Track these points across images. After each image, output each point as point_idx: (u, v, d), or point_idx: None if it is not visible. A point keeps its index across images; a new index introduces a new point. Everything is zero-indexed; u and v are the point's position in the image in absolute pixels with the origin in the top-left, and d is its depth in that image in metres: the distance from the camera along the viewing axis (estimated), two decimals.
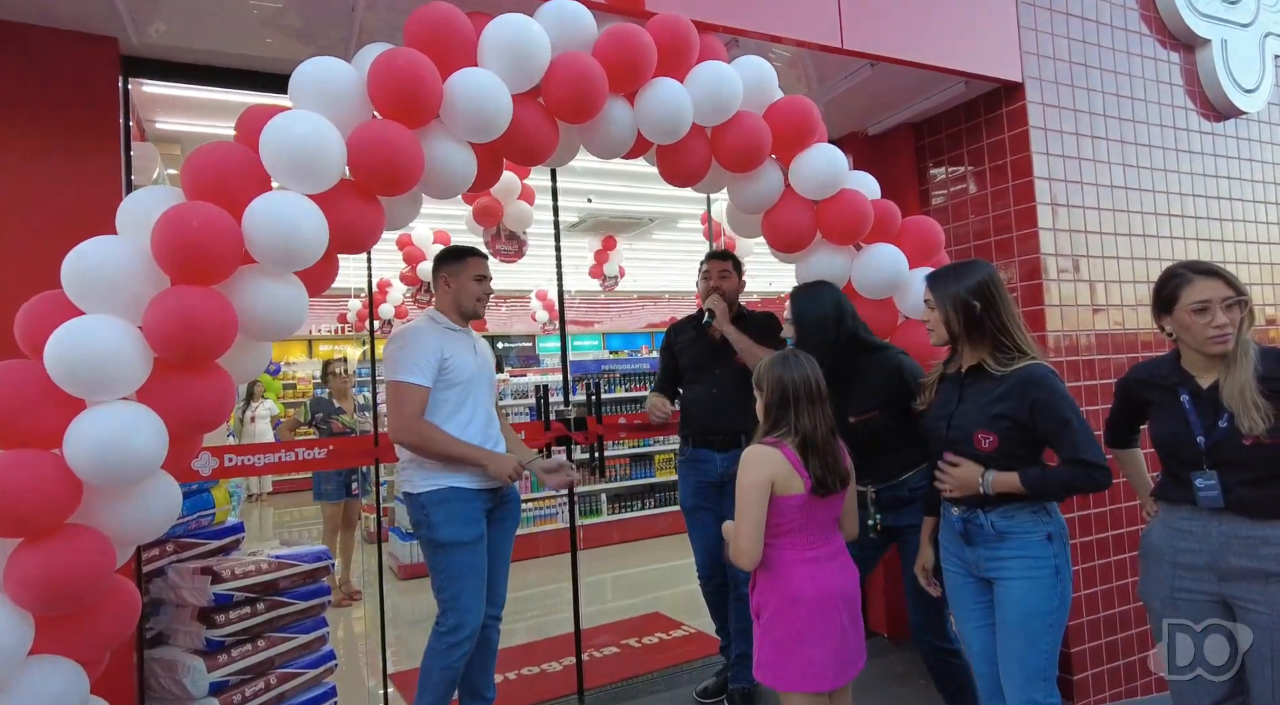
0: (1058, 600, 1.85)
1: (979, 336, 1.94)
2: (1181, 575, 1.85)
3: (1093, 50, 3.26)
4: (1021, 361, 1.90)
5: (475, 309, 2.48)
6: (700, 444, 2.84)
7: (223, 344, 1.67)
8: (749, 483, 1.88)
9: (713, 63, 2.26)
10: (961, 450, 1.94)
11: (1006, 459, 1.87)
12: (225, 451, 2.46)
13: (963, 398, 1.98)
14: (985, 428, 1.89)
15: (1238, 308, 1.78)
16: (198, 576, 2.45)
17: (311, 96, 1.82)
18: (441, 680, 2.27)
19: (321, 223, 1.76)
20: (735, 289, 2.91)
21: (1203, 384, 1.83)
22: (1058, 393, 1.84)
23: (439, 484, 2.30)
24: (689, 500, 2.87)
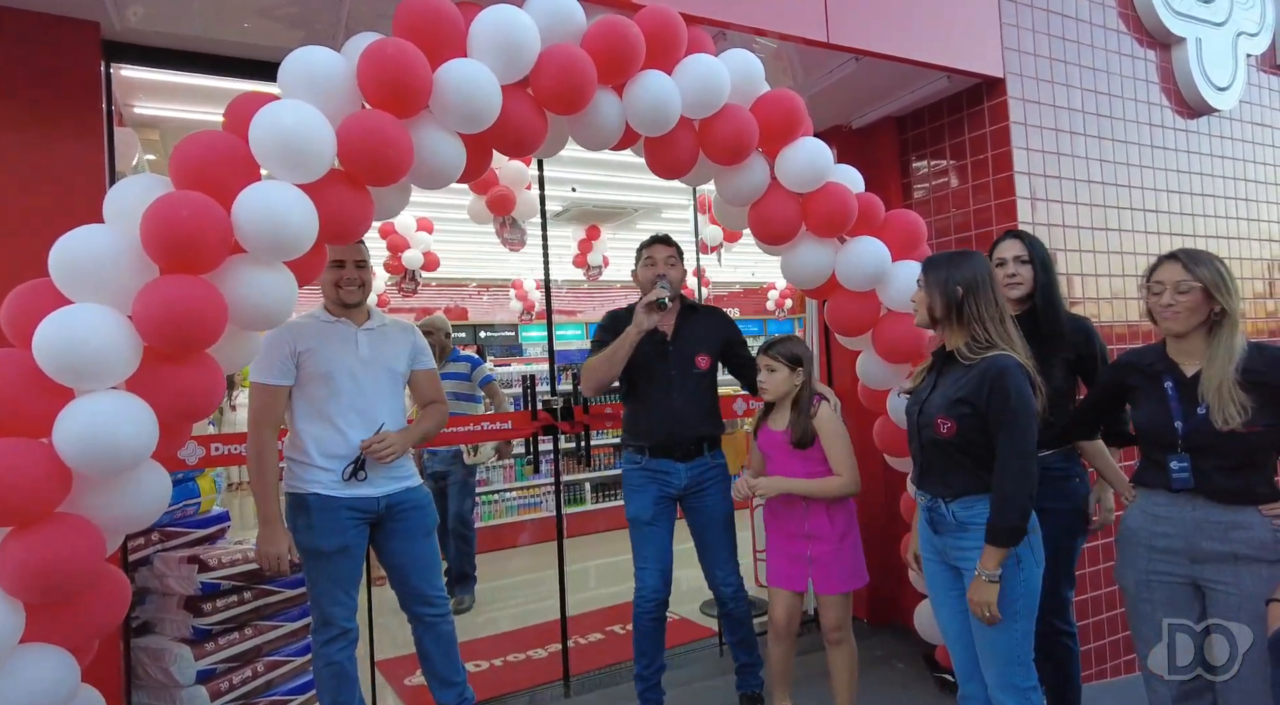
0: (1021, 588, 1.90)
1: (958, 323, 1.97)
2: (1156, 558, 1.93)
3: (1072, 47, 3.31)
4: (991, 352, 1.93)
5: (337, 297, 2.33)
6: (660, 455, 2.64)
7: (213, 333, 1.67)
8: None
9: (701, 55, 2.27)
10: (926, 435, 1.99)
11: (965, 444, 1.92)
12: (211, 440, 2.46)
13: (936, 384, 2.03)
14: (945, 413, 1.93)
15: (1193, 293, 1.86)
16: (184, 565, 2.45)
17: (301, 86, 1.81)
18: (328, 677, 2.25)
19: (311, 212, 1.76)
20: (680, 278, 2.72)
21: (1187, 372, 1.91)
22: (1015, 385, 1.86)
23: (303, 488, 2.23)
24: (647, 512, 2.62)
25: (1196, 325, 1.89)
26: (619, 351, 2.52)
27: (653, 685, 2.65)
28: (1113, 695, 3.01)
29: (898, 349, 2.60)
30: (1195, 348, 1.90)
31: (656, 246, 2.72)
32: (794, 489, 2.44)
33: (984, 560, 1.87)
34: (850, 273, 2.56)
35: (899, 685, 3.08)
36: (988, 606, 1.86)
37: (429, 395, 2.52)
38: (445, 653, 2.47)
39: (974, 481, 1.94)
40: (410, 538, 2.38)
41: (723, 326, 2.80)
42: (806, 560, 2.48)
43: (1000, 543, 1.86)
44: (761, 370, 2.50)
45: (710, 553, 2.68)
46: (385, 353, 2.38)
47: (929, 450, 2.01)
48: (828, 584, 2.47)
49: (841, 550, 2.48)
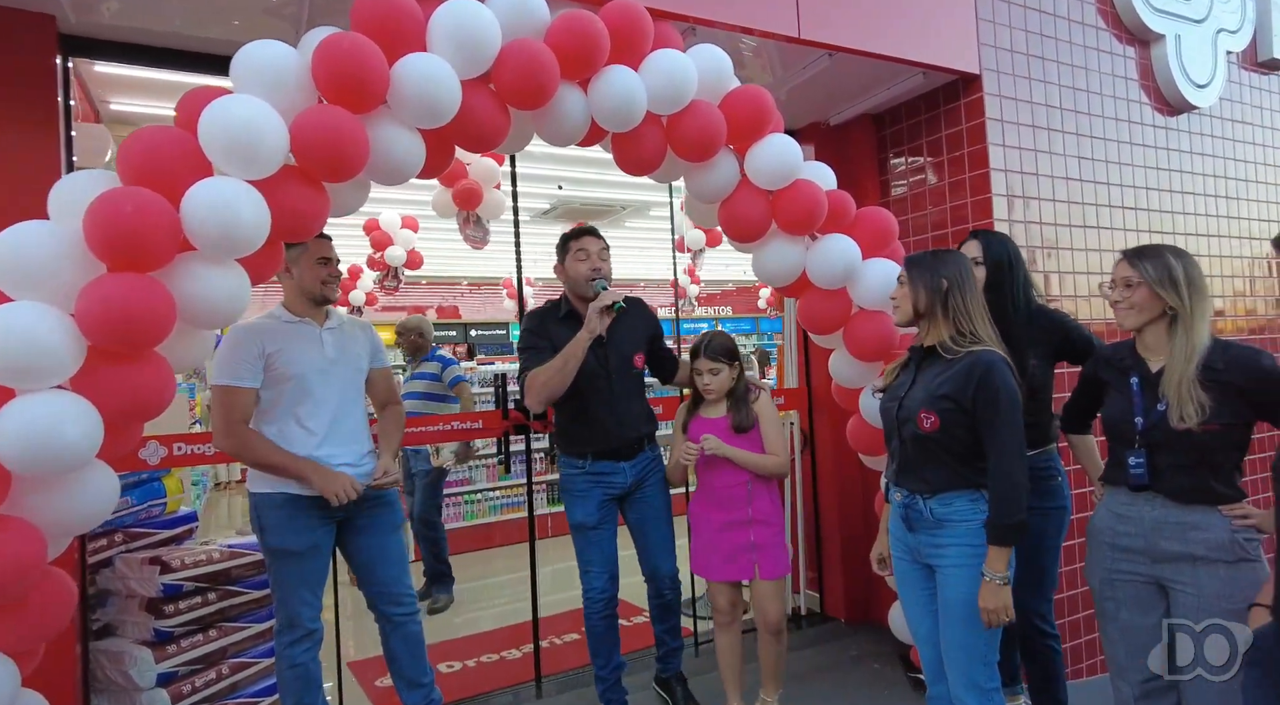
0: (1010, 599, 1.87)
1: (942, 317, 1.96)
2: (1119, 557, 1.93)
3: (1050, 43, 3.29)
4: (976, 347, 1.92)
5: (322, 292, 2.31)
6: (603, 457, 2.58)
7: (160, 332, 1.64)
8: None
9: (667, 51, 2.25)
10: (907, 431, 1.97)
11: (947, 440, 1.90)
12: (175, 440, 2.42)
13: (916, 380, 2.02)
14: (928, 407, 1.91)
15: (1138, 289, 1.87)
16: (146, 567, 2.42)
17: (253, 80, 1.78)
18: (291, 679, 2.23)
19: (263, 209, 1.73)
20: (610, 273, 2.61)
21: (1152, 368, 1.91)
22: (1003, 380, 1.86)
23: (273, 488, 2.20)
24: (592, 517, 2.56)
25: (1151, 321, 1.89)
26: (571, 360, 2.38)
27: (613, 685, 2.63)
28: (1088, 694, 2.99)
29: (869, 347, 2.59)
30: (1158, 344, 1.90)
31: (588, 239, 2.59)
32: (738, 457, 2.50)
33: (992, 563, 1.84)
34: (820, 271, 2.54)
35: (874, 685, 3.07)
36: (1005, 611, 1.83)
37: (385, 395, 2.51)
38: (413, 653, 2.45)
39: (953, 478, 1.92)
40: (378, 535, 2.36)
41: (649, 321, 2.76)
42: (750, 547, 2.51)
43: (1006, 541, 1.84)
44: (704, 373, 2.53)
45: (653, 544, 2.66)
46: (349, 352, 2.36)
47: (909, 446, 1.99)
48: (773, 568, 2.53)
49: (780, 536, 2.59)
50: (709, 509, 2.58)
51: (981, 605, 1.84)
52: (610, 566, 2.60)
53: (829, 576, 3.68)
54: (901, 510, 2.02)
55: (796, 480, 3.71)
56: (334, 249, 2.36)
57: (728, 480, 2.55)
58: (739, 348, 2.65)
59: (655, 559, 2.68)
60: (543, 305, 2.73)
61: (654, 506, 2.67)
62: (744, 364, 2.66)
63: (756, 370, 8.20)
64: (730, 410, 2.57)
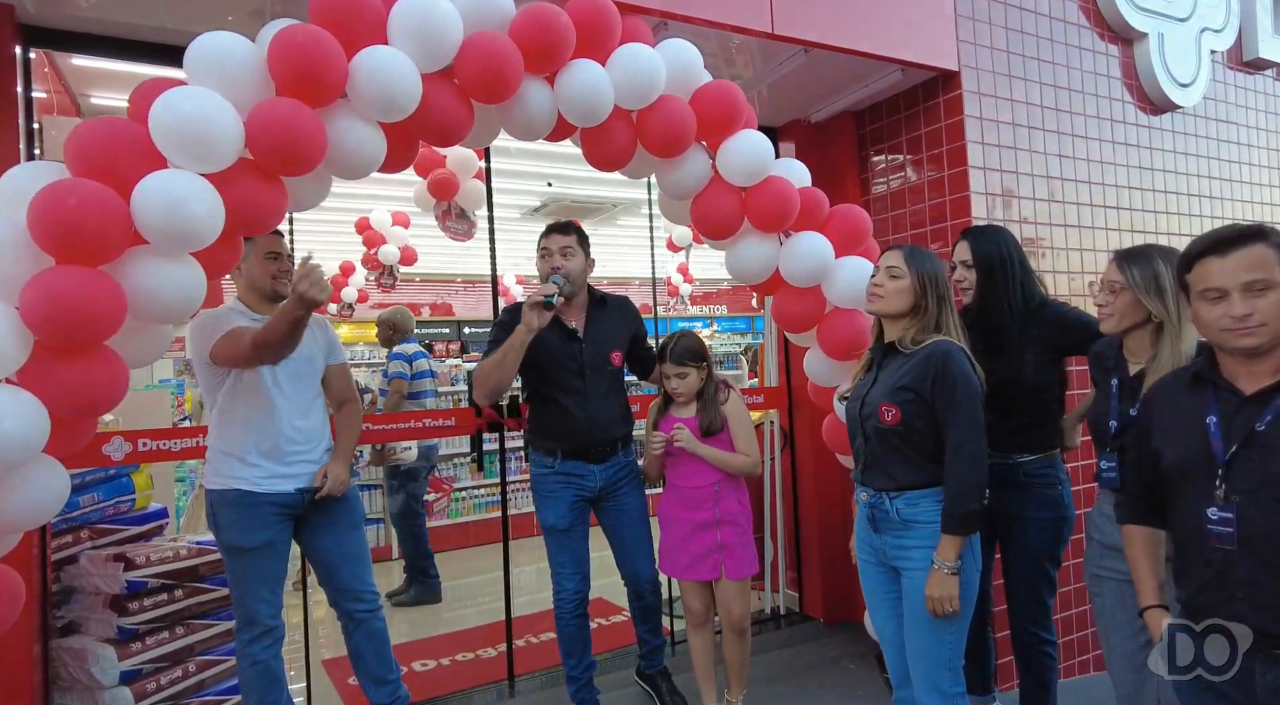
0: (961, 591, 1.86)
1: (925, 314, 1.95)
2: (1106, 554, 1.93)
3: (1030, 40, 3.27)
4: (932, 338, 1.92)
5: (273, 288, 2.29)
6: (573, 456, 2.54)
7: (108, 326, 1.61)
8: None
9: (635, 45, 2.22)
10: (870, 426, 1.95)
11: (909, 434, 1.89)
12: (140, 436, 2.40)
13: (877, 377, 2.01)
14: (889, 400, 1.90)
15: (1124, 294, 1.84)
16: (110, 563, 2.40)
17: (207, 72, 1.75)
18: (254, 676, 2.21)
19: (216, 202, 1.71)
20: (583, 269, 2.54)
21: (1131, 370, 1.90)
22: (960, 368, 1.86)
23: (226, 484, 2.19)
24: (565, 518, 2.51)
25: (1135, 326, 1.87)
26: (509, 355, 2.32)
27: (585, 684, 2.61)
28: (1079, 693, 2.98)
29: (843, 346, 2.56)
30: (1141, 348, 1.88)
31: (552, 236, 2.53)
32: (709, 455, 2.49)
33: (942, 551, 1.84)
34: (793, 268, 2.52)
35: (849, 686, 3.05)
36: (949, 601, 1.83)
37: (342, 392, 2.49)
38: (377, 650, 2.43)
39: (918, 474, 1.91)
40: (337, 531, 2.34)
41: (632, 320, 2.73)
42: (717, 547, 2.50)
43: (959, 530, 1.83)
44: (671, 378, 2.51)
45: (630, 549, 2.64)
46: (307, 348, 2.34)
47: (873, 442, 1.98)
48: (739, 568, 2.52)
49: (748, 536, 2.57)
50: (678, 509, 2.57)
51: (927, 592, 1.84)
52: (582, 567, 2.58)
53: (808, 576, 3.66)
54: (868, 511, 2.00)
55: (776, 480, 3.69)
56: (284, 244, 2.35)
57: (697, 481, 2.53)
58: (707, 348, 2.63)
59: (634, 564, 2.66)
60: (523, 301, 2.70)
61: (629, 512, 2.65)
62: (712, 364, 2.63)
63: (747, 369, 8.17)
64: (699, 411, 2.56)
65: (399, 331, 4.46)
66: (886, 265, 1.99)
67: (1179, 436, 1.47)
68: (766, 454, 3.68)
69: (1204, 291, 1.39)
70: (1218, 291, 1.37)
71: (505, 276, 10.29)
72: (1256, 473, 1.34)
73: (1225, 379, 1.43)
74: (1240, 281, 1.35)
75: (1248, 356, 1.38)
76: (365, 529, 2.46)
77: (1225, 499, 1.36)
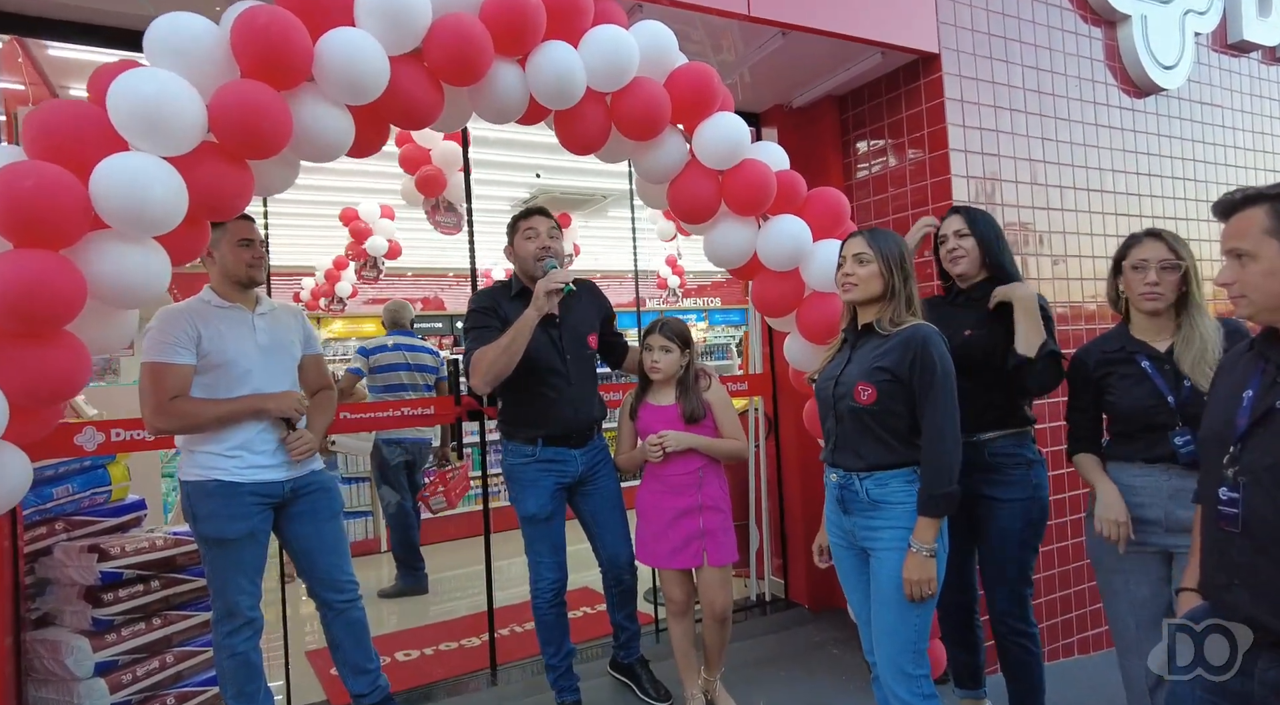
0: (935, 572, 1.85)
1: (893, 296, 1.95)
2: (1132, 527, 1.91)
3: (1012, 23, 3.25)
4: (911, 321, 1.92)
5: (248, 275, 2.27)
6: (555, 443, 2.53)
7: (67, 311, 1.60)
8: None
9: (608, 27, 2.20)
10: (844, 406, 1.94)
11: (883, 414, 1.88)
12: (113, 426, 2.38)
13: (851, 358, 2.00)
14: (865, 380, 1.89)
15: (1173, 271, 1.89)
16: (84, 554, 2.38)
17: (168, 54, 1.73)
18: (232, 668, 2.20)
19: (177, 186, 1.69)
20: (562, 252, 2.58)
21: (1159, 348, 1.93)
22: (939, 352, 1.86)
23: (204, 475, 2.16)
24: (545, 508, 2.50)
25: (1172, 304, 1.92)
26: (518, 337, 2.32)
27: (564, 672, 2.61)
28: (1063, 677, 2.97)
29: (822, 330, 2.54)
30: (1165, 325, 1.93)
31: (537, 218, 2.53)
32: (701, 444, 2.48)
33: (920, 533, 1.83)
34: (771, 252, 2.50)
35: (833, 671, 3.05)
36: (927, 583, 1.82)
37: (317, 381, 2.48)
38: (357, 640, 2.42)
39: (887, 454, 1.90)
40: (315, 521, 2.33)
41: (601, 303, 2.73)
42: (699, 534, 2.49)
43: (936, 512, 1.83)
44: (655, 350, 2.50)
45: (609, 532, 2.64)
46: (281, 338, 2.33)
47: (845, 421, 1.96)
48: (721, 555, 2.51)
49: (729, 522, 2.55)
50: (660, 497, 2.55)
51: (905, 576, 1.83)
52: (559, 556, 2.57)
53: (793, 563, 3.66)
54: (837, 492, 2.00)
55: (761, 466, 3.69)
56: (257, 230, 2.32)
57: (679, 468, 2.52)
58: (690, 333, 2.62)
59: (613, 548, 2.65)
60: (491, 286, 2.68)
61: (606, 495, 2.65)
62: (695, 352, 2.62)
63: (739, 360, 8.17)
64: (680, 398, 2.54)
65: (392, 323, 4.46)
66: (854, 253, 1.98)
67: (1218, 407, 1.38)
68: (751, 441, 3.67)
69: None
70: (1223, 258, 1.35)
71: (495, 270, 10.25)
72: (1267, 452, 1.25)
73: (1277, 351, 1.32)
74: (1225, 249, 1.33)
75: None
76: (343, 520, 2.44)
77: (1233, 480, 1.29)
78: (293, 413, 2.22)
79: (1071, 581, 3.22)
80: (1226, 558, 1.31)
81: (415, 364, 4.28)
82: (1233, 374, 1.41)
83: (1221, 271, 1.35)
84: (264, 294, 2.39)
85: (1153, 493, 1.91)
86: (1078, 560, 3.22)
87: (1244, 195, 1.33)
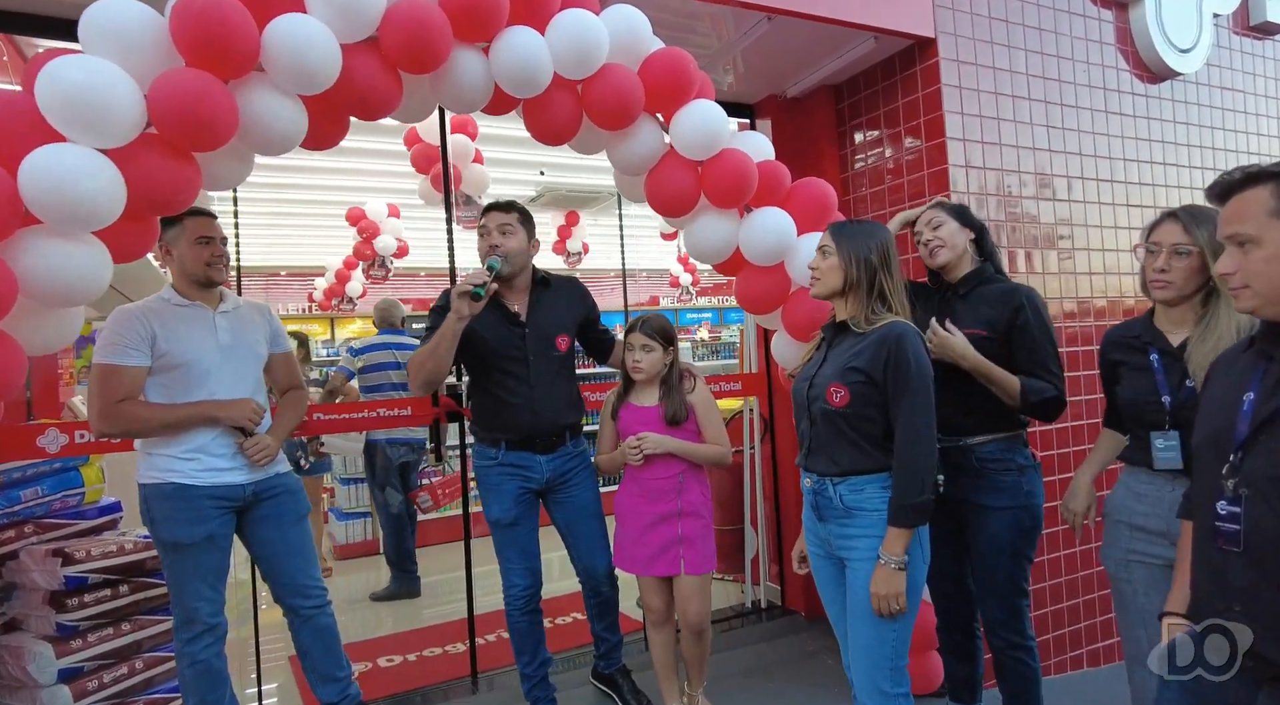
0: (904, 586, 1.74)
1: (865, 293, 1.84)
2: (1137, 538, 1.81)
3: (1015, 6, 3.11)
4: (886, 319, 1.80)
5: (206, 274, 2.19)
6: (518, 447, 2.43)
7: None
8: None
9: (576, 11, 2.11)
10: (816, 408, 1.84)
11: (857, 417, 1.77)
12: (76, 428, 2.33)
13: (826, 357, 1.89)
14: (838, 381, 1.79)
15: (1188, 258, 1.69)
16: (48, 558, 2.33)
17: (104, 41, 1.66)
18: (193, 676, 2.12)
19: (112, 178, 1.62)
20: (524, 249, 2.41)
21: (1173, 341, 1.77)
22: (915, 351, 1.75)
23: (160, 477, 2.10)
24: (510, 512, 2.41)
25: (1190, 294, 1.73)
26: (441, 344, 2.22)
27: (539, 681, 2.52)
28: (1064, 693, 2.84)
29: (808, 327, 2.43)
30: (1186, 316, 1.75)
31: (491, 214, 2.40)
32: (681, 449, 2.39)
33: (889, 545, 1.72)
34: (753, 246, 2.39)
35: (826, 680, 2.95)
36: (895, 598, 1.71)
37: (287, 381, 2.41)
38: (326, 646, 2.35)
39: (862, 459, 1.79)
40: (280, 525, 2.26)
41: (581, 302, 2.61)
42: (677, 541, 2.39)
43: (908, 522, 1.71)
44: (636, 349, 2.40)
45: (584, 542, 2.54)
46: (246, 337, 2.26)
47: (819, 424, 1.86)
48: (700, 563, 2.40)
49: (709, 529, 2.45)
50: (638, 501, 2.45)
51: (872, 589, 1.71)
52: (531, 562, 2.48)
53: (790, 569, 3.53)
54: (812, 498, 1.89)
55: (756, 469, 3.57)
56: (217, 227, 2.24)
57: (659, 472, 2.42)
58: (674, 332, 2.51)
59: (589, 558, 2.56)
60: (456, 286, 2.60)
61: (581, 505, 2.54)
62: (678, 351, 2.51)
63: None
64: (663, 399, 2.44)
65: (382, 322, 4.42)
66: (820, 245, 1.90)
67: (1214, 411, 1.26)
68: (746, 443, 3.56)
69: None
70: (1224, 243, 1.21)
71: None
72: (1273, 462, 1.12)
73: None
74: (1225, 235, 1.20)
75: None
76: (309, 524, 2.37)
77: (1234, 492, 1.16)
78: (246, 422, 2.15)
79: (1080, 591, 3.08)
80: (1223, 580, 1.18)
81: (406, 363, 4.22)
82: (1230, 375, 1.28)
83: (1220, 259, 1.22)
84: (230, 292, 2.32)
85: (1155, 502, 1.78)
86: (1085, 569, 3.07)
87: (1245, 174, 1.20)
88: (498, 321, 2.39)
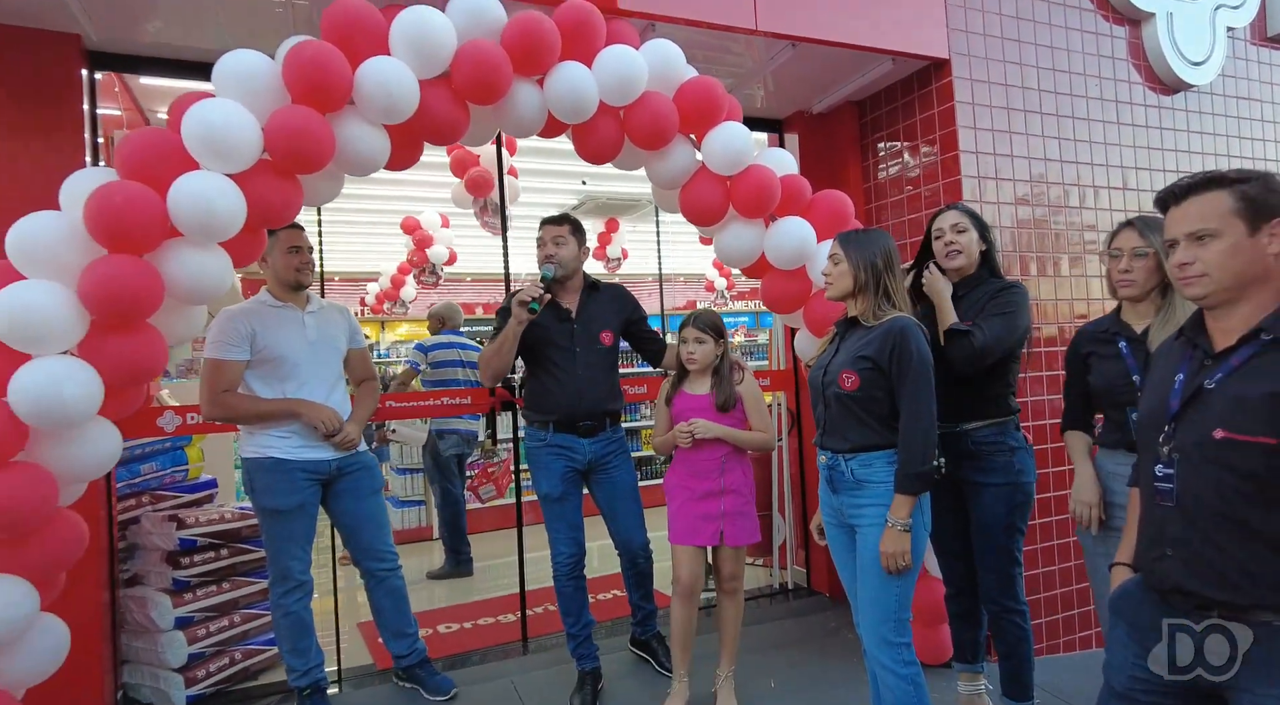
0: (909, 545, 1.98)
1: (872, 293, 2.09)
2: (1117, 515, 2.01)
3: (1027, 26, 3.32)
4: (891, 314, 2.06)
5: (296, 279, 2.55)
6: (563, 430, 2.72)
7: (149, 306, 1.90)
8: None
9: (618, 47, 2.41)
10: (830, 392, 2.10)
11: (866, 399, 2.03)
12: (189, 410, 2.71)
13: (839, 348, 2.15)
14: (849, 368, 2.04)
15: (1145, 259, 1.97)
16: (165, 523, 2.72)
17: (231, 85, 2.02)
18: (286, 626, 2.48)
19: (237, 199, 1.97)
20: (575, 257, 2.75)
21: (1138, 330, 2.02)
22: (916, 342, 1.99)
23: (260, 452, 2.45)
24: (557, 487, 2.71)
25: (1150, 289, 2.00)
26: (505, 344, 2.58)
27: (583, 641, 2.80)
28: (1062, 669, 3.03)
29: (828, 324, 2.68)
30: (1148, 309, 2.02)
31: (546, 227, 2.75)
32: (728, 435, 2.59)
33: (895, 509, 1.97)
34: (777, 252, 2.67)
35: (845, 654, 3.16)
36: (901, 556, 1.95)
37: (362, 373, 2.76)
38: (396, 606, 2.68)
39: (872, 436, 2.05)
40: (359, 496, 2.60)
41: (625, 305, 2.90)
42: (719, 516, 2.61)
43: (912, 489, 1.96)
44: (690, 342, 2.62)
45: (623, 519, 2.82)
46: (329, 334, 2.62)
47: (832, 407, 2.12)
48: (738, 536, 2.62)
49: (750, 506, 2.66)
50: (684, 478, 2.68)
51: (881, 548, 1.96)
52: (575, 532, 2.76)
53: (816, 553, 3.78)
54: (826, 473, 2.15)
55: (784, 459, 3.82)
56: (305, 238, 2.60)
57: (705, 454, 2.63)
58: (724, 326, 2.71)
59: (627, 533, 2.84)
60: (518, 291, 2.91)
61: (620, 485, 2.82)
62: (729, 343, 2.74)
63: None
64: (714, 388, 2.64)
65: (445, 323, 4.78)
66: (831, 253, 2.16)
67: (1153, 391, 1.47)
68: (772, 431, 3.80)
69: (1167, 242, 1.42)
70: (1173, 241, 1.40)
71: None
72: (1195, 430, 1.33)
73: (1206, 336, 1.41)
74: (1184, 231, 1.37)
75: (1211, 311, 1.39)
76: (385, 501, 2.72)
77: (1168, 457, 1.38)
78: (319, 425, 2.48)
79: (1074, 579, 3.23)
80: (1161, 532, 1.40)
81: (468, 361, 4.59)
82: (1167, 361, 1.51)
83: (1175, 254, 1.38)
84: (314, 294, 2.68)
85: (1125, 479, 1.96)
86: (1081, 557, 3.23)
87: (1205, 178, 1.37)
88: (552, 316, 2.71)
